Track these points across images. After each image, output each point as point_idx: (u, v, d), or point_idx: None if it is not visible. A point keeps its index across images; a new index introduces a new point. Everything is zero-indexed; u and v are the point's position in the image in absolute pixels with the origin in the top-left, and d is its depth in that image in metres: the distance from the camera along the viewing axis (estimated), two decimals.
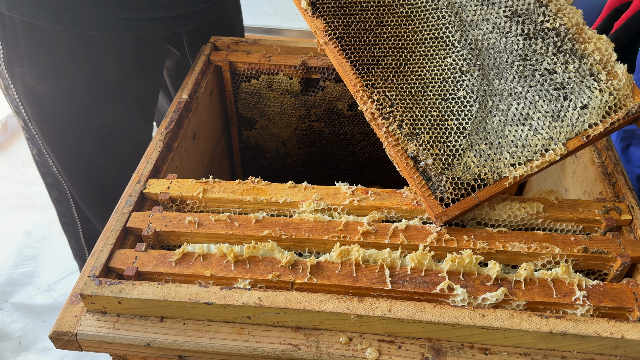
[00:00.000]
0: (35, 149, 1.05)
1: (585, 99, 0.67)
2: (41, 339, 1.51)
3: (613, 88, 0.67)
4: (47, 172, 1.09)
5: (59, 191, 1.12)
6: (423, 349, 0.56)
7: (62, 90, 0.93)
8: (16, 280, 1.67)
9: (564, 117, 0.67)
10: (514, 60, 0.71)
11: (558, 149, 0.66)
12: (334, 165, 1.16)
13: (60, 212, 1.18)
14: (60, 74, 0.91)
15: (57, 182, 1.10)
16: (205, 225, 0.66)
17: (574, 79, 0.68)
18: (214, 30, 1.04)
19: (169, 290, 0.58)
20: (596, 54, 0.69)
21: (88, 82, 0.93)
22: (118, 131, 1.01)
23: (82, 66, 0.92)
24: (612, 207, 0.68)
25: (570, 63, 0.69)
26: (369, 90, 0.70)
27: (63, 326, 0.58)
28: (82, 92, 0.94)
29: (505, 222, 0.67)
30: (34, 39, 0.88)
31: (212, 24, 1.03)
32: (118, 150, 1.03)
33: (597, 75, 0.68)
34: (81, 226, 1.19)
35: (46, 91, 0.93)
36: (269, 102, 1.03)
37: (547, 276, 0.60)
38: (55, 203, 1.16)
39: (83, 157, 1.02)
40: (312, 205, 0.68)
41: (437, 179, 0.65)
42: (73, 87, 0.93)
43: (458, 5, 0.75)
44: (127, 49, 0.93)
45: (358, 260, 0.61)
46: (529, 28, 0.72)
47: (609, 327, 0.55)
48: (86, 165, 1.04)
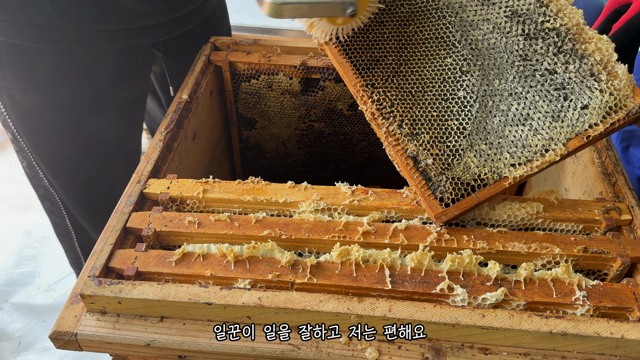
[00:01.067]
0: (25, 162, 1.04)
1: (585, 99, 0.67)
2: (41, 339, 1.51)
3: (614, 88, 0.67)
4: (38, 183, 1.08)
5: (51, 202, 1.11)
6: (423, 349, 0.56)
7: (48, 102, 0.92)
8: (16, 280, 1.67)
9: (564, 117, 0.67)
10: (514, 60, 0.71)
11: (558, 149, 0.66)
12: (334, 165, 1.16)
13: (54, 222, 1.17)
14: (45, 86, 0.90)
15: (49, 194, 1.09)
16: (205, 225, 0.66)
17: (574, 79, 0.68)
18: (201, 32, 1.03)
19: (169, 290, 0.58)
20: (597, 54, 0.68)
21: (74, 93, 0.92)
22: (107, 139, 1.00)
23: (67, 78, 0.90)
24: (612, 207, 0.68)
25: (570, 63, 0.69)
26: (369, 90, 0.70)
27: (63, 326, 0.58)
28: (68, 102, 0.92)
29: (505, 222, 0.67)
30: (17, 55, 0.86)
31: (198, 27, 1.02)
32: (108, 158, 1.03)
33: (597, 76, 0.68)
34: (76, 235, 1.18)
35: (32, 104, 0.92)
36: (269, 102, 1.03)
37: (547, 276, 0.60)
38: (49, 214, 1.15)
39: (73, 167, 1.01)
40: (312, 205, 0.68)
41: (437, 179, 0.65)
42: (59, 98, 0.92)
43: (458, 6, 0.75)
44: (112, 58, 0.92)
45: (358, 260, 0.61)
46: (529, 28, 0.72)
47: (609, 327, 0.55)
48: (76, 175, 1.03)
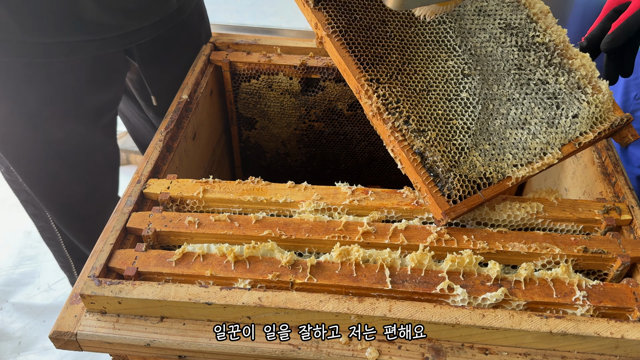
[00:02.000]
0: (2, 167, 1.03)
1: (575, 109, 0.71)
2: (41, 339, 1.51)
3: (598, 101, 0.71)
4: (18, 188, 1.07)
5: (34, 206, 1.10)
6: (423, 349, 0.56)
7: (18, 112, 0.91)
8: (16, 280, 1.67)
9: (558, 124, 0.70)
10: (510, 68, 0.73)
11: (555, 152, 0.68)
12: (334, 165, 1.16)
13: (39, 227, 1.16)
14: (14, 95, 0.89)
15: (31, 198, 1.08)
16: (205, 225, 0.66)
17: (564, 90, 0.72)
18: (174, 38, 1.01)
19: (169, 290, 0.58)
20: (582, 69, 0.73)
21: (43, 102, 0.91)
22: (80, 145, 0.99)
23: (35, 87, 0.89)
24: (612, 207, 0.68)
25: (560, 75, 0.73)
26: (374, 85, 0.68)
27: (63, 326, 0.58)
28: (38, 111, 0.91)
29: (505, 222, 0.67)
30: None
31: (171, 32, 1.00)
32: (81, 165, 1.02)
33: (584, 89, 0.72)
34: (62, 238, 1.17)
35: (2, 114, 0.91)
36: (269, 102, 1.03)
37: (547, 276, 0.60)
38: (33, 218, 1.14)
39: (48, 174, 1.00)
40: (312, 205, 0.68)
41: (445, 176, 0.65)
42: (27, 107, 0.91)
43: (457, 13, 0.76)
44: (82, 66, 0.90)
45: (358, 260, 0.61)
46: (522, 40, 0.75)
47: (609, 327, 0.55)
48: (52, 182, 1.02)
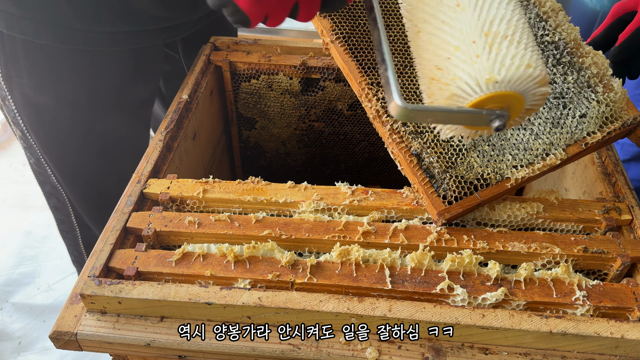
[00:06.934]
0: (33, 158, 1.04)
1: (583, 109, 0.69)
2: (41, 339, 1.51)
3: (609, 100, 0.69)
4: (45, 180, 1.08)
5: (57, 199, 1.11)
6: (423, 349, 0.56)
7: (62, 101, 0.92)
8: (16, 280, 1.67)
9: (564, 124, 0.69)
10: None
11: (558, 153, 0.67)
12: (334, 165, 1.16)
13: (58, 219, 1.17)
14: (60, 84, 0.91)
15: (56, 190, 1.09)
16: (205, 225, 0.66)
17: (572, 89, 0.70)
18: (210, 33, 1.04)
19: (169, 290, 0.58)
20: (593, 67, 0.71)
21: (88, 92, 0.93)
22: (118, 138, 1.01)
23: (83, 76, 0.91)
24: (612, 207, 0.68)
25: (569, 74, 0.71)
26: (374, 89, 0.71)
27: (63, 326, 0.58)
28: (82, 102, 0.93)
29: (505, 222, 0.67)
30: (33, 52, 0.87)
31: (208, 27, 1.03)
32: (118, 158, 1.03)
33: (594, 87, 0.70)
34: (80, 233, 1.18)
35: (46, 102, 0.92)
36: (269, 102, 1.03)
37: (547, 276, 0.60)
38: (54, 210, 1.15)
39: (83, 166, 1.02)
40: (312, 205, 0.68)
41: (440, 177, 0.65)
42: (73, 97, 0.92)
43: None
44: (126, 58, 0.93)
45: (358, 260, 0.61)
46: None
47: (609, 327, 0.55)
48: (86, 173, 1.03)
